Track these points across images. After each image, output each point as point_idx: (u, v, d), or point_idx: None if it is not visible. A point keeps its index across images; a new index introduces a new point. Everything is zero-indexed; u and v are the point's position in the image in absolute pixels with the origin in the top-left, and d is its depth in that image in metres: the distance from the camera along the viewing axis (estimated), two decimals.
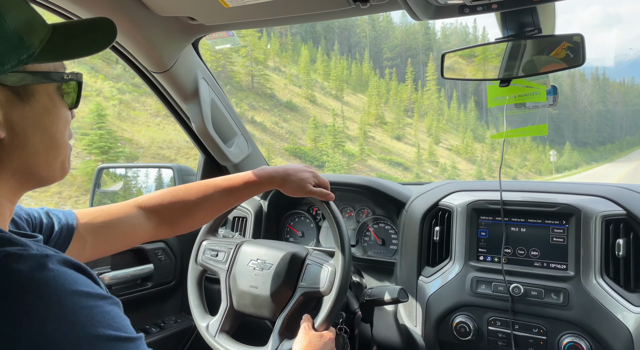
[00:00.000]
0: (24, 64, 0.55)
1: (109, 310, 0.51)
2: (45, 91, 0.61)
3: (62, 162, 0.66)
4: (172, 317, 1.67)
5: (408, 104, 72.56)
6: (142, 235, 0.98)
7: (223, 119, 1.65)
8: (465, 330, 1.21)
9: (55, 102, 0.62)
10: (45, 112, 0.60)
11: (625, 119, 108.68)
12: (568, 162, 76.59)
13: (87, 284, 0.52)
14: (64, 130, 0.65)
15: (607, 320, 1.06)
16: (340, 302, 1.09)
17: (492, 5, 0.96)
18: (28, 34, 0.56)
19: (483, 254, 1.27)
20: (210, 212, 1.08)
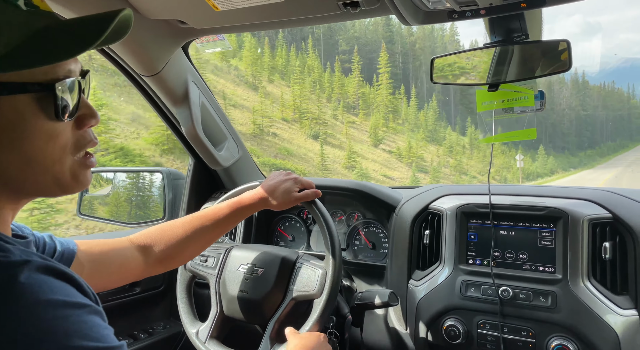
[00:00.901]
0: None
1: (86, 320, 0.48)
2: (11, 103, 0.52)
3: (55, 180, 0.59)
4: (160, 323, 1.65)
5: (354, 99, 64.27)
6: (136, 270, 0.98)
7: (213, 122, 1.64)
8: (455, 333, 1.22)
9: (24, 115, 0.53)
10: (10, 126, 0.53)
11: (606, 123, 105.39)
12: (542, 169, 70.46)
13: (65, 292, 0.49)
14: (45, 145, 0.56)
15: (595, 322, 1.08)
16: (331, 305, 1.09)
17: (480, 11, 0.98)
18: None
19: (472, 257, 1.28)
20: (200, 244, 1.09)
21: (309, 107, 50.87)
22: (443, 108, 79.98)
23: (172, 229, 1.04)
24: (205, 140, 1.57)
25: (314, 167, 40.46)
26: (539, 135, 15.05)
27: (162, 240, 1.02)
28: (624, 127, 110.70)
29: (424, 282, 1.31)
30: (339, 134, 51.72)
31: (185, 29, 1.33)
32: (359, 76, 67.26)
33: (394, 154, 54.00)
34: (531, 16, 1.04)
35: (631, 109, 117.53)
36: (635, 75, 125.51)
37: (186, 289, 1.30)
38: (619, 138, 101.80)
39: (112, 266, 0.93)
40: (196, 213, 1.09)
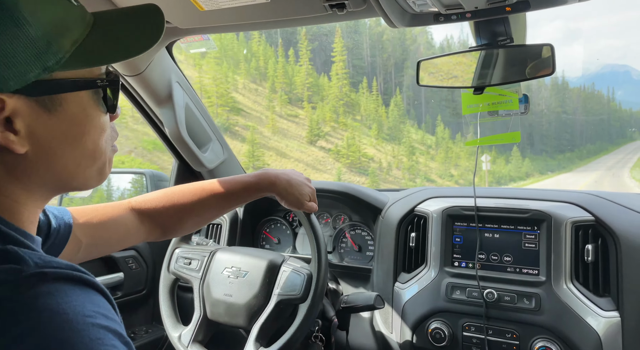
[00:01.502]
0: (50, 71, 0.49)
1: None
2: (75, 99, 0.54)
3: (99, 169, 0.60)
4: (142, 327, 1.62)
5: (301, 91, 57.06)
6: (135, 238, 0.94)
7: (197, 123, 1.62)
8: (441, 336, 1.22)
9: (87, 111, 0.55)
10: (75, 122, 0.54)
11: (586, 126, 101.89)
12: (516, 172, 62.65)
13: (98, 306, 0.46)
14: (98, 139, 0.58)
15: (577, 324, 1.09)
16: (316, 309, 1.08)
17: (466, 15, 0.98)
18: (58, 37, 0.49)
19: (458, 259, 1.28)
20: (205, 217, 1.03)
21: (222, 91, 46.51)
22: (412, 105, 73.64)
23: (181, 198, 0.98)
24: (190, 142, 1.55)
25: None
26: None
27: (167, 209, 0.96)
28: (603, 130, 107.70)
29: (410, 285, 1.30)
30: (266, 128, 46.87)
31: (169, 29, 1.31)
32: (308, 64, 60.72)
33: (331, 152, 47.83)
34: (516, 20, 1.05)
35: (611, 113, 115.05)
36: (615, 81, 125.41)
37: (169, 292, 1.28)
38: (598, 141, 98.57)
39: (112, 238, 0.89)
40: (207, 184, 1.02)
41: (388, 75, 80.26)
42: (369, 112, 60.38)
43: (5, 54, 0.46)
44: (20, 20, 0.47)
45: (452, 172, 56.14)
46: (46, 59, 0.48)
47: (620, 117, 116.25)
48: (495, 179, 57.27)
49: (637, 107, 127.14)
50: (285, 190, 1.06)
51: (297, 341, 1.06)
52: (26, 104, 0.49)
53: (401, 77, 76.74)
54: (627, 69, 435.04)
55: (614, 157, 79.09)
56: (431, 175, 53.72)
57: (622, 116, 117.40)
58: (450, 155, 59.04)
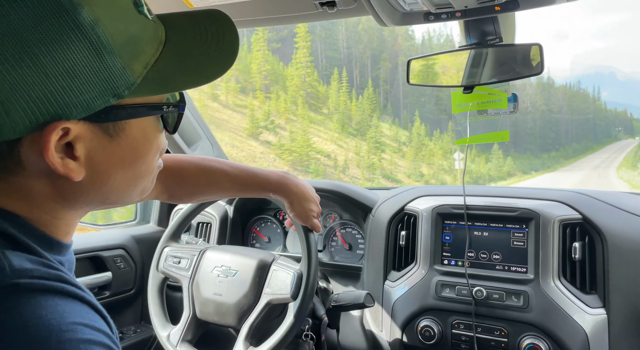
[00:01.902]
0: (119, 98, 0.45)
1: None
2: (139, 123, 0.51)
3: (143, 187, 0.57)
4: (131, 327, 1.61)
5: (262, 78, 52.72)
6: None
7: (187, 121, 1.61)
8: (430, 334, 1.22)
9: (148, 135, 0.52)
10: (135, 146, 0.51)
11: (571, 124, 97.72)
12: (496, 171, 57.38)
13: (89, 320, 0.42)
14: (152, 159, 0.55)
15: (565, 321, 1.10)
16: (306, 308, 1.08)
17: (456, 14, 0.98)
18: (132, 60, 0.46)
19: (447, 257, 1.29)
20: (214, 197, 1.07)
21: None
22: (389, 99, 68.08)
23: (199, 173, 0.97)
24: (179, 140, 1.53)
25: None
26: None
27: (183, 181, 0.96)
28: (589, 129, 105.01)
29: (400, 283, 1.31)
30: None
31: None
32: (265, 49, 55.79)
33: (274, 147, 43.47)
34: (505, 20, 1.06)
35: (597, 112, 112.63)
36: (601, 82, 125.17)
37: (158, 290, 1.26)
38: (584, 140, 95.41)
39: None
40: (230, 168, 1.00)
41: (364, 67, 74.40)
42: (340, 106, 54.22)
43: (77, 81, 0.42)
44: (97, 45, 0.43)
45: (423, 171, 51.19)
46: (118, 85, 0.45)
47: (606, 116, 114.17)
48: (472, 178, 52.97)
49: (621, 107, 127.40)
50: (298, 202, 1.06)
51: (287, 341, 1.06)
52: (89, 129, 0.46)
53: (378, 70, 72.10)
54: (612, 70, 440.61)
55: (600, 156, 76.61)
56: (397, 175, 47.84)
57: (608, 116, 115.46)
58: (424, 153, 53.90)
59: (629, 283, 1.08)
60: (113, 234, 1.63)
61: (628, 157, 68.10)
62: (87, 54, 0.42)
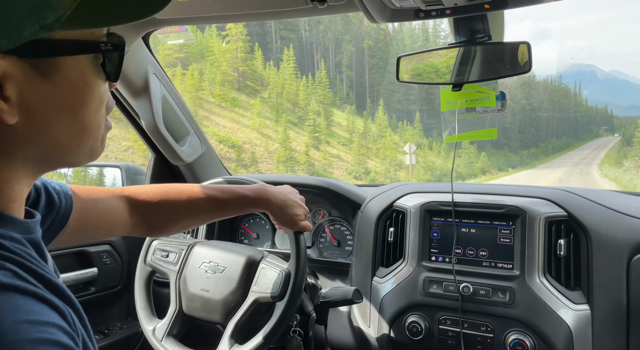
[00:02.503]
0: (48, 30, 0.41)
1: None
2: (75, 64, 0.47)
3: (91, 146, 0.53)
4: (117, 323, 1.59)
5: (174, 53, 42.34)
6: (121, 229, 0.89)
7: (175, 116, 1.59)
8: (417, 329, 1.23)
9: (86, 78, 0.49)
10: (73, 90, 0.48)
11: (552, 120, 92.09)
12: (467, 168, 50.70)
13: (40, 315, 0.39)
14: (96, 111, 0.52)
15: (549, 317, 1.11)
16: (293, 307, 1.07)
17: (445, 11, 0.99)
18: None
19: (435, 254, 1.30)
20: (194, 221, 1.00)
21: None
22: (354, 87, 61.22)
23: (175, 195, 0.94)
24: (167, 135, 1.52)
25: None
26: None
27: (159, 204, 0.93)
28: (570, 125, 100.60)
29: (388, 280, 1.31)
30: None
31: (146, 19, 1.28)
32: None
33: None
34: (494, 18, 1.06)
35: (578, 107, 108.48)
36: (582, 80, 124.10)
37: (145, 284, 1.25)
38: (565, 136, 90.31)
39: (100, 225, 0.83)
40: (203, 188, 0.99)
41: (327, 51, 66.37)
42: (285, 91, 47.17)
43: (5, 8, 0.39)
44: None
45: (370, 167, 42.66)
46: (45, 15, 0.41)
47: (587, 113, 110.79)
48: (435, 176, 45.96)
49: (602, 105, 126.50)
50: (280, 210, 1.05)
51: (272, 339, 1.06)
52: (19, 66, 0.43)
53: (340, 54, 64.63)
54: (593, 68, 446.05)
55: (581, 152, 73.18)
56: (334, 172, 39.17)
57: (589, 113, 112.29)
58: (379, 146, 46.07)
59: (613, 279, 1.10)
60: None
61: (610, 154, 64.24)
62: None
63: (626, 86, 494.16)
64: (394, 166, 44.81)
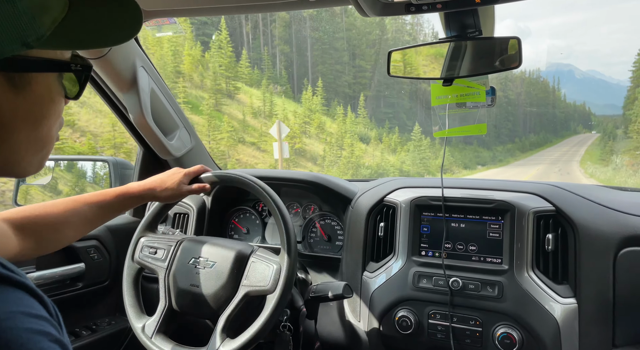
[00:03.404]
0: (27, 48, 0.46)
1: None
2: (45, 80, 0.52)
3: (42, 157, 0.57)
4: (105, 319, 1.58)
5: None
6: (10, 252, 0.89)
7: (164, 110, 1.58)
8: (407, 324, 1.24)
9: (52, 93, 0.54)
10: (40, 103, 0.52)
11: (530, 114, 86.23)
12: (418, 166, 42.06)
13: (26, 306, 0.42)
14: (53, 124, 0.56)
15: (537, 311, 1.13)
16: (284, 300, 1.07)
17: (436, 5, 0.98)
18: (41, 12, 0.47)
19: (425, 249, 1.30)
20: (80, 228, 1.03)
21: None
22: (295, 66, 52.75)
23: (53, 208, 0.98)
24: (155, 129, 1.50)
25: None
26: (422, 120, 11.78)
27: (41, 217, 0.95)
28: (548, 120, 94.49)
29: (378, 274, 1.32)
30: None
31: None
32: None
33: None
34: (484, 13, 1.06)
35: (556, 102, 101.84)
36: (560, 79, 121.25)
37: (133, 281, 1.24)
38: (542, 131, 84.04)
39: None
40: (79, 196, 1.04)
41: (254, 23, 55.22)
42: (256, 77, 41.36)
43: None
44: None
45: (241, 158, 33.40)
46: (27, 34, 0.45)
47: (565, 109, 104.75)
48: (377, 174, 36.29)
49: (580, 102, 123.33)
50: (157, 189, 1.13)
51: (264, 333, 1.06)
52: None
53: (272, 24, 56.03)
54: (571, 68, 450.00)
55: (559, 149, 66.53)
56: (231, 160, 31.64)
57: (567, 109, 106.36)
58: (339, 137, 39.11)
59: (599, 273, 1.12)
60: None
61: (592, 151, 57.63)
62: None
63: (603, 85, 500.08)
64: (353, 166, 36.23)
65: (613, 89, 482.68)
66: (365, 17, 1.08)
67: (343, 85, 53.93)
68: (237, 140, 34.26)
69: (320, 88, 45.73)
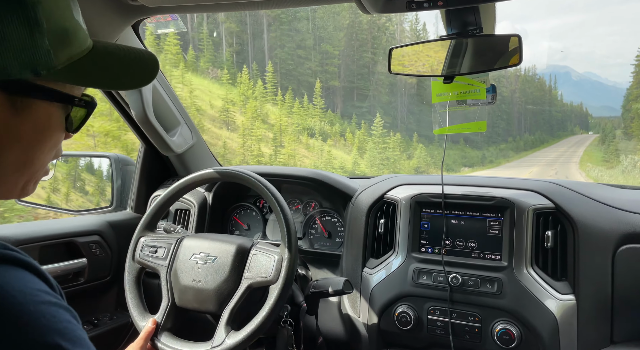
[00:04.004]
0: (35, 75, 0.48)
1: (61, 318, 0.45)
2: (46, 108, 0.53)
3: (25, 184, 0.57)
4: (107, 314, 1.59)
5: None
6: None
7: (165, 107, 1.58)
8: (407, 319, 1.25)
9: (51, 123, 0.54)
10: (35, 129, 0.53)
11: (525, 113, 79.71)
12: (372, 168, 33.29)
13: (33, 284, 0.46)
14: (48, 152, 0.57)
15: (536, 307, 1.13)
16: (287, 290, 1.08)
17: (437, 2, 0.99)
18: (58, 47, 0.49)
19: (425, 245, 1.31)
20: None
21: None
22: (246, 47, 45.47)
23: None
24: (157, 125, 1.50)
25: None
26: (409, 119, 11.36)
27: None
28: (544, 119, 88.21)
29: (378, 270, 1.33)
30: None
31: (136, 7, 1.26)
32: None
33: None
34: (485, 10, 1.06)
35: (553, 101, 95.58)
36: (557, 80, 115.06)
37: (135, 281, 1.25)
38: (538, 131, 78.05)
39: None
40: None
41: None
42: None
43: (4, 44, 0.44)
44: (32, 23, 0.45)
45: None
46: (39, 65, 0.47)
47: (562, 109, 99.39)
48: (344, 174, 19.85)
49: (577, 103, 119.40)
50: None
51: (268, 323, 1.07)
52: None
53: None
54: (567, 70, 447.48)
55: (555, 150, 60.75)
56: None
57: (564, 109, 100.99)
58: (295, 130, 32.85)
59: (598, 270, 1.12)
60: (88, 220, 1.59)
61: (591, 151, 51.97)
62: (21, 25, 0.45)
63: (599, 87, 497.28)
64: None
65: (609, 91, 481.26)
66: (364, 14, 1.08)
67: (306, 74, 45.63)
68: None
69: (270, 73, 38.33)
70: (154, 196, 1.69)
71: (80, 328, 0.48)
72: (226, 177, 1.24)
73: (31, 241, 1.33)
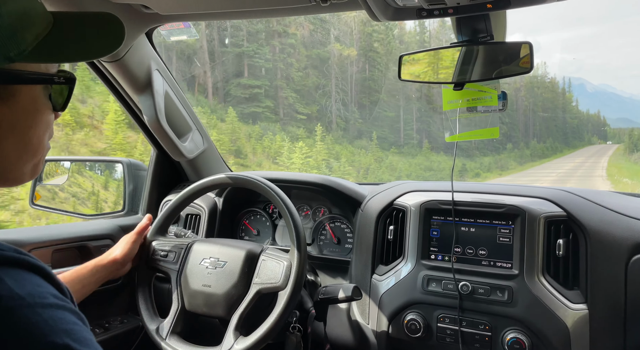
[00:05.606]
0: (10, 62, 0.49)
1: (68, 320, 0.46)
2: (29, 92, 0.55)
3: (34, 166, 0.60)
4: (117, 318, 1.60)
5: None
6: None
7: (177, 112, 1.60)
8: (416, 327, 1.24)
9: (38, 105, 0.56)
10: (25, 115, 0.55)
11: (535, 119, 68.67)
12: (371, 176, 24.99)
13: (43, 288, 0.47)
14: (43, 134, 0.59)
15: (547, 316, 1.12)
16: (296, 296, 1.08)
17: (448, 10, 0.99)
18: (22, 28, 0.50)
19: (434, 252, 1.30)
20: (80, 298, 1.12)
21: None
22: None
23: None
24: (169, 131, 1.52)
25: None
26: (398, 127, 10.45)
27: None
28: (557, 126, 76.48)
29: (387, 277, 1.32)
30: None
31: (149, 15, 1.28)
32: None
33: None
34: (496, 18, 1.06)
35: (566, 105, 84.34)
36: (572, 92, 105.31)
37: (146, 285, 1.26)
38: (550, 139, 67.45)
39: None
40: (71, 271, 1.14)
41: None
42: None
43: None
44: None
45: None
46: (8, 49, 0.48)
47: (578, 115, 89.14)
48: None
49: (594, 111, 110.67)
50: (114, 258, 1.22)
51: (277, 328, 1.07)
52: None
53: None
54: (582, 82, 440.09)
55: (571, 160, 49.01)
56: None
57: (580, 116, 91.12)
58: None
59: (611, 279, 1.11)
60: (101, 224, 1.61)
61: (617, 162, 41.11)
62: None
63: (615, 99, 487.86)
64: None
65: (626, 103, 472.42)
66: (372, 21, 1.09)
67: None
68: None
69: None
70: (165, 201, 1.71)
71: (87, 330, 0.48)
72: (237, 182, 1.25)
73: (44, 245, 1.35)
